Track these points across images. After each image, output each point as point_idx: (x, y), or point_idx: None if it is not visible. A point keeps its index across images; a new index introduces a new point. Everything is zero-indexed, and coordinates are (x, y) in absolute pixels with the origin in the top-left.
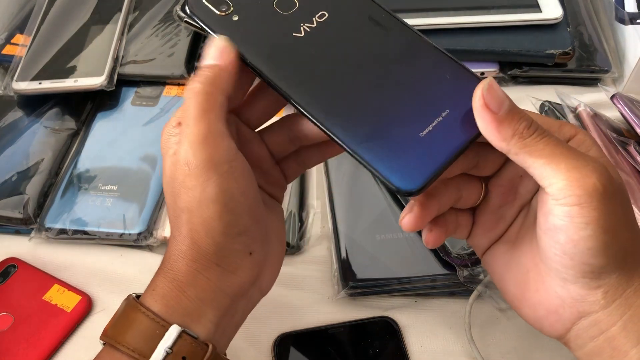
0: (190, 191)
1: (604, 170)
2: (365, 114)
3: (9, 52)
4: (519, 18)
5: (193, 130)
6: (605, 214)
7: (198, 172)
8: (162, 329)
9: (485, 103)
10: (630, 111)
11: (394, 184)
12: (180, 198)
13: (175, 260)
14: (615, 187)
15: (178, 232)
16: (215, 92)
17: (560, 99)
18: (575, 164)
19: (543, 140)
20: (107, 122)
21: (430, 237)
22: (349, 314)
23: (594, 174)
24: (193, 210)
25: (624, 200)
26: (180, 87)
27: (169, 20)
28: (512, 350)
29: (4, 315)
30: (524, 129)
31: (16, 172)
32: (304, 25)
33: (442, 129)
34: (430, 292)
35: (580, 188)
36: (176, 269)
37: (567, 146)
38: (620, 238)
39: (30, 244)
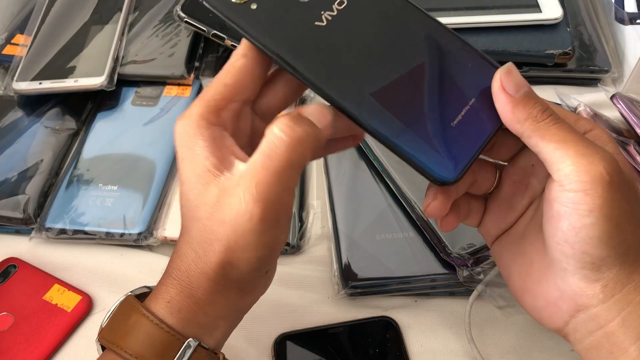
0: (242, 236)
1: (613, 160)
2: (398, 104)
3: (9, 52)
4: (519, 18)
5: (273, 182)
6: (609, 203)
7: (259, 226)
8: (177, 342)
9: (503, 86)
10: (630, 111)
11: (434, 175)
12: (225, 229)
13: (193, 276)
14: (623, 179)
15: (202, 251)
16: (309, 152)
17: (560, 99)
18: (584, 152)
19: (556, 126)
20: (108, 122)
21: (446, 221)
22: (349, 314)
23: (602, 163)
24: (235, 249)
25: (631, 194)
26: (180, 87)
27: (169, 20)
28: (512, 350)
29: (4, 315)
30: (538, 112)
31: (16, 172)
32: (325, 13)
33: (471, 118)
34: (430, 292)
35: (587, 174)
36: (194, 286)
37: (579, 134)
38: (624, 230)
39: (30, 243)
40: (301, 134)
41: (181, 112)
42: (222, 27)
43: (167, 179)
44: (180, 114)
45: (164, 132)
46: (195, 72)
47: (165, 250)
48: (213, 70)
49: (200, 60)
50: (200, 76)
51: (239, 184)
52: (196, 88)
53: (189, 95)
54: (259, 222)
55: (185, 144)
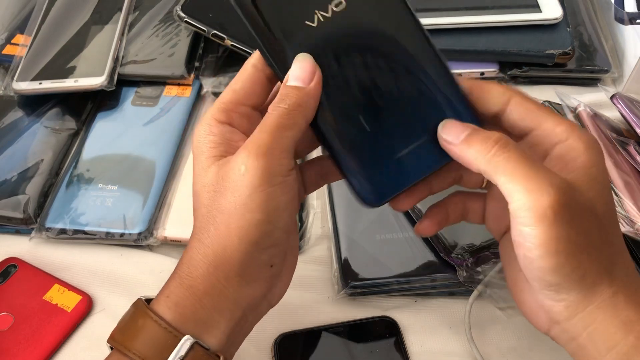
0: (237, 192)
1: (563, 191)
2: (351, 125)
3: (9, 52)
4: (519, 18)
5: (265, 138)
6: (555, 239)
7: (252, 177)
8: (174, 339)
9: (444, 139)
10: (630, 111)
11: (358, 197)
12: (224, 197)
13: (195, 265)
14: (574, 210)
15: (206, 233)
16: (299, 115)
17: (560, 99)
18: (532, 186)
19: (505, 156)
20: (108, 122)
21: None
22: (349, 314)
23: (548, 198)
24: (233, 214)
25: (585, 222)
26: (180, 87)
27: (169, 20)
28: (512, 350)
29: (4, 315)
30: (484, 148)
31: (16, 172)
32: (319, 12)
33: (418, 152)
34: (430, 292)
35: (532, 211)
36: (194, 275)
37: (530, 162)
38: (576, 259)
39: (30, 243)
40: (285, 108)
41: (181, 112)
42: (222, 27)
43: (167, 179)
44: (180, 114)
45: (164, 132)
46: (195, 72)
47: (165, 250)
48: (213, 70)
49: (200, 60)
50: (200, 76)
51: (237, 153)
52: (196, 88)
53: (189, 95)
54: (253, 175)
55: (197, 143)
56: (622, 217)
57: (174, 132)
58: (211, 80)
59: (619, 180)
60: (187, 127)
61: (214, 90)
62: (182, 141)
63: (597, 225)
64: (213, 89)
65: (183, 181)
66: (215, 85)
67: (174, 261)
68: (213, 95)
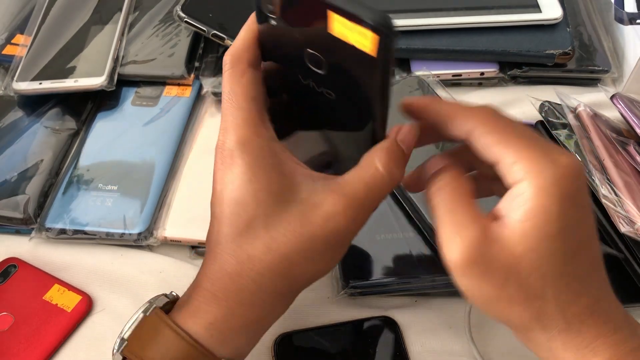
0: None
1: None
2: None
3: (9, 52)
4: (519, 18)
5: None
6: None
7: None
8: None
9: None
10: (630, 111)
11: None
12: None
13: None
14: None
15: (261, 253)
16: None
17: (560, 99)
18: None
19: (438, 193)
20: (108, 122)
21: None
22: (349, 314)
23: (449, 253)
24: (310, 258)
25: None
26: (180, 87)
27: (169, 21)
28: (512, 350)
29: (4, 315)
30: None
31: (16, 172)
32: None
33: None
34: (430, 292)
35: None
36: (245, 303)
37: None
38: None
39: (30, 244)
40: (399, 176)
41: (181, 112)
42: (222, 27)
43: (167, 179)
44: (180, 114)
45: (164, 132)
46: (195, 72)
47: (166, 250)
48: (213, 70)
49: (200, 60)
50: (200, 76)
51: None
52: (196, 88)
53: (189, 96)
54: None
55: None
56: (622, 217)
57: (174, 132)
58: (211, 80)
59: (619, 180)
60: (187, 127)
61: (214, 90)
62: (182, 141)
63: (519, 281)
64: (213, 89)
65: (183, 181)
66: (215, 85)
67: (174, 261)
68: (213, 95)
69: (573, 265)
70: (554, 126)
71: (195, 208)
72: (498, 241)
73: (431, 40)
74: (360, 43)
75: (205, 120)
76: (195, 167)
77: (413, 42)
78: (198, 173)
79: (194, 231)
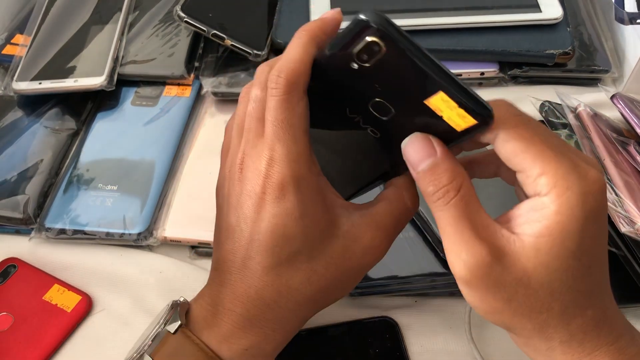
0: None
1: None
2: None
3: (9, 52)
4: (519, 18)
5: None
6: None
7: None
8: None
9: (406, 156)
10: (630, 111)
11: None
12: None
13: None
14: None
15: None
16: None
17: (560, 99)
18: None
19: (438, 214)
20: (107, 122)
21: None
22: (349, 314)
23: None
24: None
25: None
26: (180, 87)
27: (169, 20)
28: (512, 351)
29: (4, 315)
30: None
31: (16, 172)
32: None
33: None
34: (430, 292)
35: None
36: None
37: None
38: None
39: (30, 244)
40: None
41: (181, 112)
42: (222, 27)
43: (167, 179)
44: (180, 114)
45: (163, 132)
46: (195, 72)
47: (165, 251)
48: (213, 70)
49: (200, 60)
50: (200, 76)
51: (372, 226)
52: (196, 88)
53: (189, 95)
54: (377, 260)
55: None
56: (622, 217)
57: (174, 132)
58: (211, 80)
59: (619, 180)
60: (187, 127)
61: (214, 90)
62: (182, 141)
63: (528, 294)
64: (213, 89)
65: (183, 181)
66: (215, 85)
67: (174, 261)
68: (213, 95)
69: (585, 281)
70: (554, 126)
71: (195, 208)
72: (508, 255)
73: (431, 40)
74: (453, 121)
75: (205, 120)
76: (195, 167)
77: None
78: (198, 173)
79: (194, 231)
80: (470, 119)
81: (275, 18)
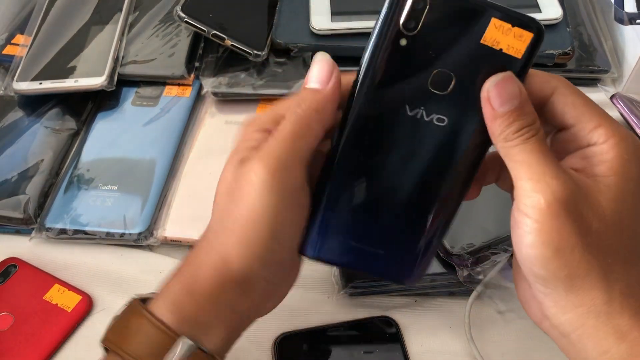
0: (247, 203)
1: (565, 190)
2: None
3: (9, 52)
4: None
5: (278, 149)
6: (546, 232)
7: (262, 190)
8: (170, 341)
9: (488, 97)
10: (629, 111)
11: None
12: (236, 205)
13: (198, 266)
14: (573, 210)
15: (215, 237)
16: (314, 121)
17: None
18: (534, 176)
19: (521, 146)
20: (108, 122)
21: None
22: (349, 313)
23: (546, 190)
24: (241, 224)
25: (583, 224)
26: (180, 87)
27: (170, 21)
28: (511, 350)
29: (4, 315)
30: (511, 131)
31: (17, 172)
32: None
33: (382, 252)
34: (430, 292)
35: (528, 198)
36: (196, 277)
37: (544, 155)
38: (563, 258)
39: (30, 243)
40: (300, 113)
41: (181, 112)
42: (222, 27)
43: (167, 179)
44: (180, 114)
45: (164, 132)
46: (196, 72)
47: (166, 251)
48: (213, 70)
49: (200, 60)
50: (200, 76)
51: (251, 160)
52: (196, 88)
53: (189, 96)
54: (263, 187)
55: (236, 144)
56: None
57: (174, 132)
58: (211, 80)
59: None
60: (187, 127)
61: (214, 90)
62: (182, 141)
63: (600, 231)
64: (213, 89)
65: (183, 181)
66: (215, 85)
67: (174, 261)
68: (213, 95)
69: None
70: None
71: (195, 208)
72: (585, 188)
73: None
74: (512, 47)
75: (205, 120)
76: (196, 167)
77: None
78: (198, 173)
79: (194, 231)
80: (527, 34)
81: (275, 18)
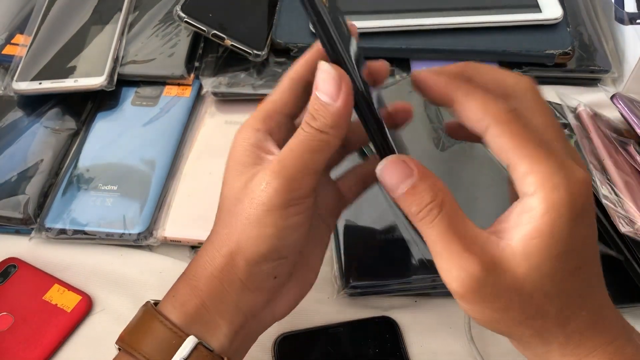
0: (254, 205)
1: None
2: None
3: (9, 52)
4: (519, 18)
5: (291, 159)
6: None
7: (271, 196)
8: (179, 339)
9: (382, 181)
10: (630, 111)
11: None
12: (243, 206)
13: (202, 266)
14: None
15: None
16: (332, 137)
17: (560, 99)
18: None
19: (427, 228)
20: (107, 122)
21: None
22: (349, 314)
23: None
24: (246, 224)
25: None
26: (180, 87)
27: (169, 20)
28: (512, 350)
29: (4, 315)
30: (413, 212)
31: (16, 172)
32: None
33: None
34: (430, 292)
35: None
36: (200, 276)
37: (444, 237)
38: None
39: (30, 244)
40: (316, 128)
41: (181, 112)
42: (222, 27)
43: (167, 179)
44: (180, 114)
45: (163, 132)
46: (195, 72)
47: (165, 251)
48: (213, 70)
49: (200, 60)
50: (200, 76)
51: (264, 168)
52: (196, 88)
53: (189, 96)
54: (272, 194)
55: (232, 148)
56: (622, 217)
57: (174, 132)
58: (211, 80)
59: (619, 180)
60: (187, 127)
61: (214, 90)
62: (182, 141)
63: (520, 302)
64: (213, 89)
65: (183, 181)
66: (215, 85)
67: (174, 261)
68: (213, 95)
69: (577, 282)
70: None
71: (195, 208)
72: (499, 264)
73: (431, 40)
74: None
75: (205, 120)
76: (195, 167)
77: (413, 42)
78: (198, 173)
79: (194, 231)
80: None
81: (275, 18)
